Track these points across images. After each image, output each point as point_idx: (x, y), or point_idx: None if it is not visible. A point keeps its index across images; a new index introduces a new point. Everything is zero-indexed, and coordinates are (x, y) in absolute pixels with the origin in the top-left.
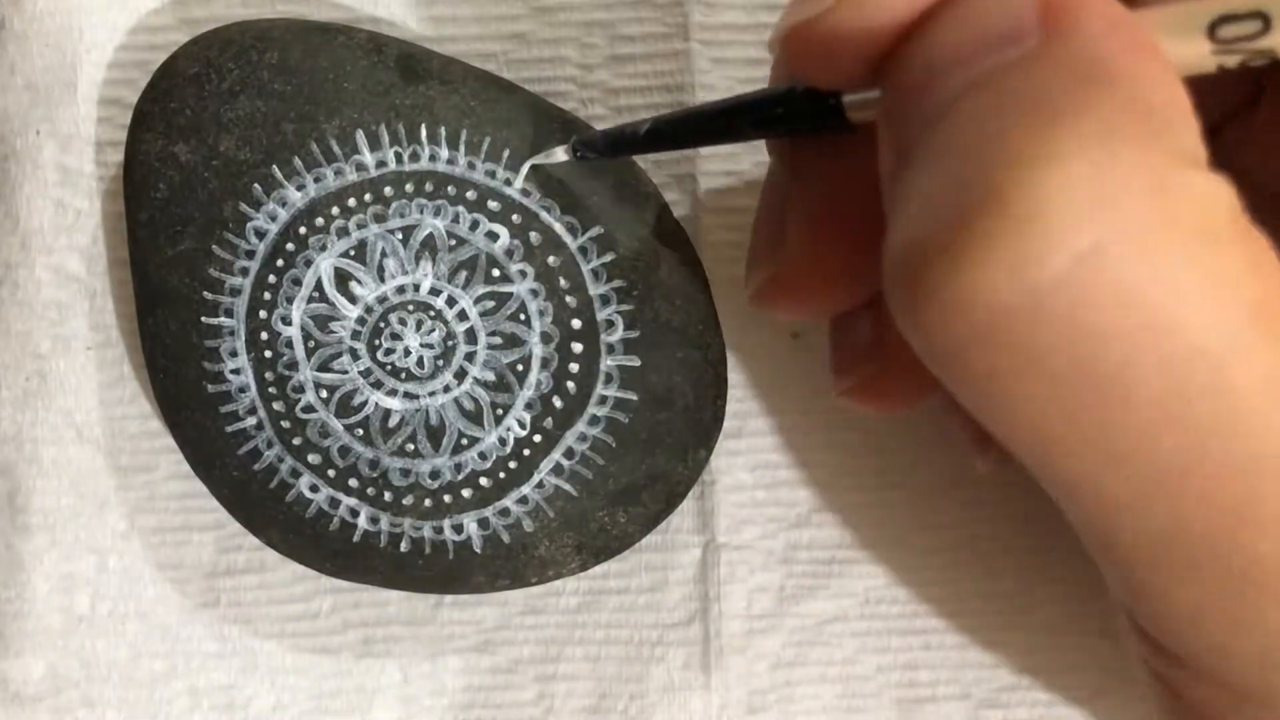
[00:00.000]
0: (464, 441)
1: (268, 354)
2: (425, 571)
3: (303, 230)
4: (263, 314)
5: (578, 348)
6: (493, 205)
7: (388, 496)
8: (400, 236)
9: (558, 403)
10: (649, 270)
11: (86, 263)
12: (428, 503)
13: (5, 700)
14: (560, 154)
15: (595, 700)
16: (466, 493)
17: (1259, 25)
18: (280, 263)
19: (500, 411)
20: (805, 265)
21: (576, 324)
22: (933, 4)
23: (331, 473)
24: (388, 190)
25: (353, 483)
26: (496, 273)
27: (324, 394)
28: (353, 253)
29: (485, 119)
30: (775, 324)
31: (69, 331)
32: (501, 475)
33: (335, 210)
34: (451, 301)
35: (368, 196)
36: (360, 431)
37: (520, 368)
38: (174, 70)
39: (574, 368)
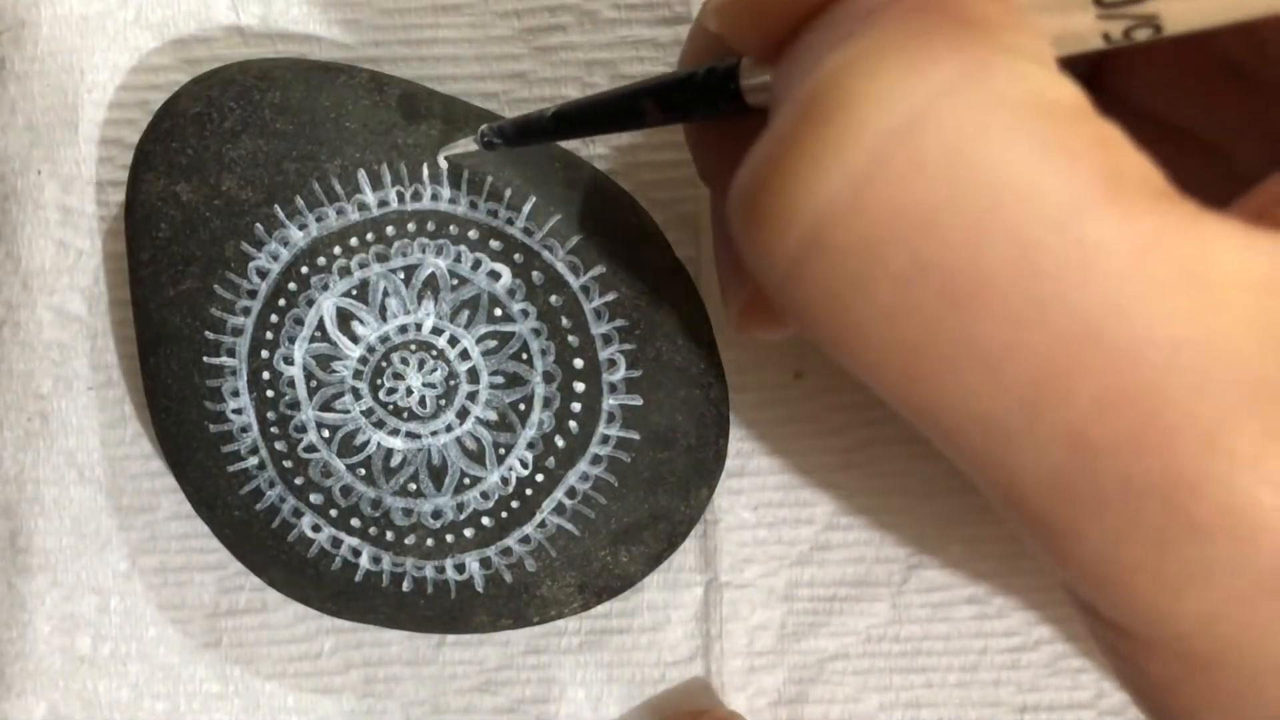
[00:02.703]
0: (466, 481)
1: (270, 394)
2: (427, 611)
3: (305, 270)
4: (265, 354)
5: (580, 387)
6: (495, 244)
7: (390, 536)
8: (402, 276)
9: (560, 442)
10: (651, 309)
11: (88, 303)
12: (430, 542)
13: None
14: (470, 143)
15: None
16: (469, 532)
17: None
18: (282, 302)
19: (502, 451)
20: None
21: (579, 363)
22: None
23: (333, 512)
24: (390, 229)
25: (355, 522)
26: (499, 312)
27: (326, 434)
28: (355, 292)
29: (486, 158)
30: (778, 363)
31: (70, 372)
32: (504, 514)
33: (337, 249)
34: (454, 341)
35: (370, 236)
36: (362, 471)
37: (522, 407)
38: (176, 110)
39: (576, 407)
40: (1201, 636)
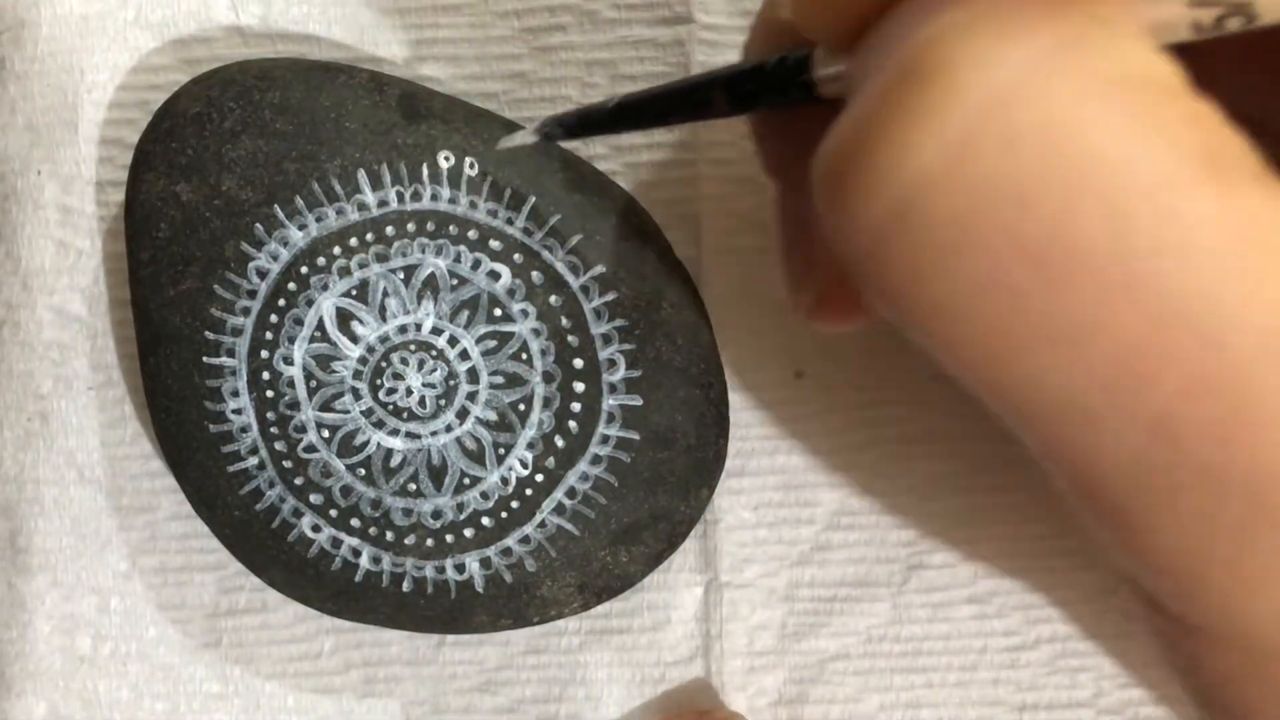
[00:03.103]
0: (466, 481)
1: (269, 394)
2: (427, 611)
3: (304, 270)
4: (264, 354)
5: (580, 387)
6: (494, 245)
7: (389, 536)
8: (402, 276)
9: (560, 442)
10: (651, 309)
11: (88, 303)
12: (430, 542)
13: None
14: (529, 135)
15: None
16: (469, 532)
17: None
18: (282, 302)
19: (502, 451)
20: (845, 280)
21: (578, 363)
22: None
23: (333, 513)
24: (389, 229)
25: (354, 523)
26: (498, 312)
27: (326, 434)
28: (354, 292)
29: (486, 158)
30: (778, 363)
31: (70, 372)
32: (504, 515)
33: (337, 249)
34: (453, 341)
35: (369, 236)
36: (362, 471)
37: (522, 407)
38: (175, 110)
39: (576, 407)
40: (1276, 633)
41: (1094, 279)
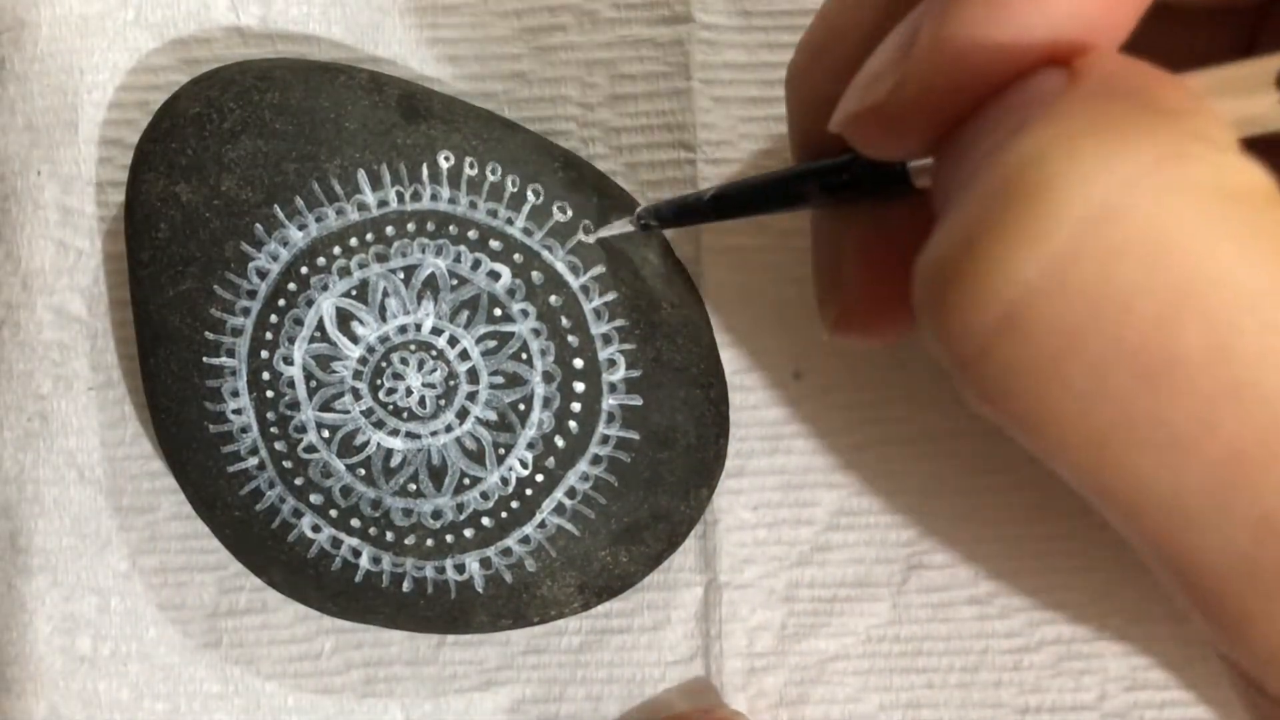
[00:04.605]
0: (466, 481)
1: (269, 394)
2: (427, 611)
3: (304, 270)
4: (264, 354)
5: (580, 387)
6: (494, 245)
7: (390, 536)
8: (402, 276)
9: (560, 442)
10: (651, 309)
11: (88, 303)
12: (430, 542)
13: None
14: (625, 225)
15: None
16: (469, 532)
17: None
18: (282, 302)
19: (502, 451)
20: (867, 301)
21: (578, 363)
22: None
23: (333, 513)
24: (389, 229)
25: (355, 523)
26: (498, 312)
27: (326, 434)
28: (354, 292)
29: (487, 158)
30: (777, 363)
31: (70, 372)
32: (504, 515)
33: (337, 250)
34: (453, 341)
35: (369, 236)
36: (362, 471)
37: (522, 407)
38: (175, 110)
39: (576, 407)
40: None
41: (1198, 386)
